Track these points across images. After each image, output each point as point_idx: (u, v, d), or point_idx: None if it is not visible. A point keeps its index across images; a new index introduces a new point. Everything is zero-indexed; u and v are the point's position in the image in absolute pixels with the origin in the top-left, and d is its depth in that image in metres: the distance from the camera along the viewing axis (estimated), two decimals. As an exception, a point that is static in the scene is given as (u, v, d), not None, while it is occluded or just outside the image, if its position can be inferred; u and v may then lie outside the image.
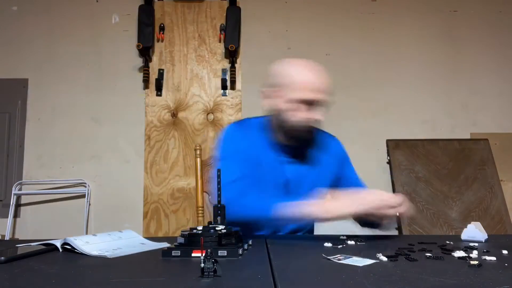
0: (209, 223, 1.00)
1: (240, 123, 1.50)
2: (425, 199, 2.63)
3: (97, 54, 2.91)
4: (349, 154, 2.92)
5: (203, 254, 0.71)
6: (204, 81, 2.87)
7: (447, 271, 0.75)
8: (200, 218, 1.62)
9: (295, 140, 1.38)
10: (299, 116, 1.30)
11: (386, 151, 2.84)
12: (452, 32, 2.98)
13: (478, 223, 1.12)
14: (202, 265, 0.70)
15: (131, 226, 2.62)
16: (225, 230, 0.95)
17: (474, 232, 1.11)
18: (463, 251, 0.91)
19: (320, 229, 1.46)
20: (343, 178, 1.49)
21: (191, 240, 0.93)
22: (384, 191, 1.23)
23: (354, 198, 1.20)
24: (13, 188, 2.72)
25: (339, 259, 0.83)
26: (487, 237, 1.11)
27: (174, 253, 0.90)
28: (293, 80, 1.31)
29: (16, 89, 2.85)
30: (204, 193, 1.67)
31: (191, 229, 0.96)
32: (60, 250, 0.97)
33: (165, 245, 1.03)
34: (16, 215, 2.73)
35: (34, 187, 2.77)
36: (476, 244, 1.04)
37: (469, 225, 1.12)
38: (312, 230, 1.51)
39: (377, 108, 2.90)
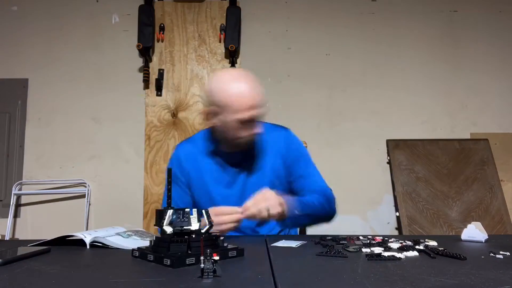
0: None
1: (187, 141, 1.54)
2: (425, 199, 2.63)
3: (97, 54, 2.91)
4: (349, 154, 2.90)
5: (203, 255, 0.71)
6: (204, 81, 2.87)
7: (447, 271, 0.75)
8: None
9: (237, 148, 1.39)
10: (239, 133, 1.32)
11: (386, 151, 2.83)
12: (452, 32, 2.98)
13: (479, 223, 1.12)
14: (202, 265, 0.70)
15: (131, 226, 2.62)
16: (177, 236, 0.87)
17: (474, 232, 1.11)
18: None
19: (320, 230, 1.45)
20: (291, 174, 1.44)
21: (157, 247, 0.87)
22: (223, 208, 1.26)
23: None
24: (13, 188, 2.72)
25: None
26: (487, 237, 1.11)
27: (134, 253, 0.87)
28: (228, 102, 1.28)
29: (16, 89, 2.85)
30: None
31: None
32: (88, 246, 1.04)
33: None
34: (16, 215, 2.73)
35: (34, 187, 2.77)
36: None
37: (469, 225, 1.12)
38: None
39: (377, 108, 2.90)
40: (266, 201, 1.21)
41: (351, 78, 2.92)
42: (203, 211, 0.94)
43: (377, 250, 0.94)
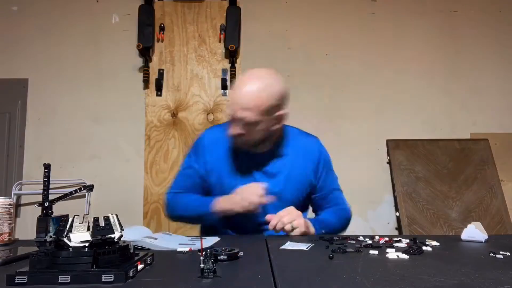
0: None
1: (216, 128, 1.55)
2: (425, 199, 2.63)
3: (97, 54, 2.90)
4: (349, 154, 2.90)
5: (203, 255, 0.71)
6: (204, 81, 2.87)
7: (447, 271, 0.75)
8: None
9: (254, 149, 1.39)
10: (235, 133, 1.33)
11: (386, 151, 2.83)
12: (452, 32, 2.98)
13: (479, 223, 1.13)
14: (202, 265, 0.70)
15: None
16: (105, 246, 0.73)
17: (474, 232, 1.11)
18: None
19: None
20: (317, 184, 1.47)
21: (56, 261, 0.70)
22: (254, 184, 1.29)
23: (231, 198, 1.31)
24: (13, 188, 2.72)
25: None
26: (487, 237, 1.11)
27: (19, 279, 0.67)
28: (230, 100, 1.34)
29: (16, 89, 2.85)
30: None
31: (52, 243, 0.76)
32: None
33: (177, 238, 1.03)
34: (16, 215, 2.73)
35: (34, 187, 2.77)
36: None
37: (469, 225, 1.13)
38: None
39: (377, 108, 2.90)
40: (297, 219, 1.24)
41: (351, 78, 2.92)
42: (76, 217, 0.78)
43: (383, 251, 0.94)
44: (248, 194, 1.26)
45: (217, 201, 1.33)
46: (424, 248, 0.98)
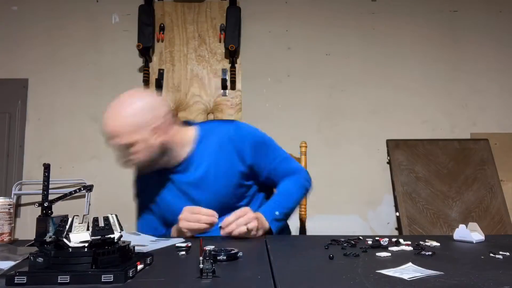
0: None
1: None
2: (425, 199, 2.63)
3: (97, 54, 2.90)
4: (349, 154, 2.90)
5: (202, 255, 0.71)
6: (204, 81, 2.86)
7: (447, 271, 0.75)
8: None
9: (156, 167, 1.33)
10: (122, 160, 1.28)
11: (386, 151, 2.83)
12: (452, 32, 2.98)
13: (475, 224, 1.13)
14: (201, 265, 0.70)
15: (131, 226, 2.62)
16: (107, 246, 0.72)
17: (464, 232, 1.11)
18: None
19: (321, 230, 1.45)
20: (255, 165, 1.35)
21: (55, 261, 0.70)
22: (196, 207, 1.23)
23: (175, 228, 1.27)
24: (13, 188, 2.72)
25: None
26: (483, 238, 1.11)
27: (18, 279, 0.66)
28: (102, 128, 1.26)
29: (16, 89, 2.85)
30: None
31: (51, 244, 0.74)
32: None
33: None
34: (16, 215, 2.73)
35: (34, 187, 2.77)
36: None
37: (461, 225, 1.13)
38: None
39: (377, 108, 2.90)
40: (244, 218, 1.17)
41: (351, 78, 2.92)
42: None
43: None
44: (184, 224, 1.19)
45: (172, 231, 1.31)
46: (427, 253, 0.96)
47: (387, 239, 1.06)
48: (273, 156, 1.37)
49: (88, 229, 0.75)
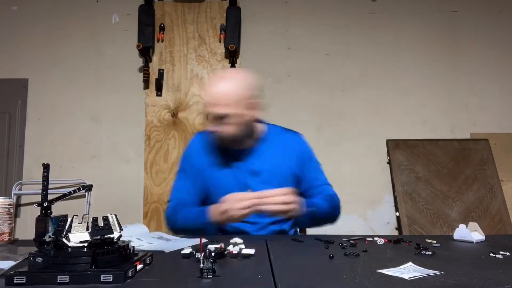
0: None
1: (204, 133, 1.57)
2: (425, 199, 2.63)
3: (97, 54, 2.90)
4: (349, 154, 2.91)
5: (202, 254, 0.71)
6: (204, 81, 2.86)
7: (447, 271, 0.75)
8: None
9: (236, 145, 1.42)
10: (212, 129, 1.38)
11: (386, 151, 2.83)
12: (452, 32, 2.98)
13: (475, 224, 1.13)
14: (201, 265, 0.70)
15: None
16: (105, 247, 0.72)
17: (465, 232, 1.12)
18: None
19: (321, 230, 1.45)
20: (302, 177, 1.49)
21: (55, 261, 0.69)
22: (240, 193, 1.26)
23: (218, 208, 1.28)
24: (13, 188, 2.72)
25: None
26: (483, 238, 1.11)
27: (17, 279, 0.66)
28: (204, 97, 1.40)
29: (16, 89, 2.85)
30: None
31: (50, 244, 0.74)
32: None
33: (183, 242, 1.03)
34: (16, 215, 2.73)
35: (34, 187, 2.77)
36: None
37: (461, 225, 1.13)
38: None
39: (377, 108, 2.90)
40: (284, 196, 1.24)
41: (351, 78, 2.92)
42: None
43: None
44: (229, 206, 1.23)
45: (210, 210, 1.33)
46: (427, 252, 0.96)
47: (382, 239, 1.07)
48: (317, 176, 1.51)
49: (87, 229, 0.75)
